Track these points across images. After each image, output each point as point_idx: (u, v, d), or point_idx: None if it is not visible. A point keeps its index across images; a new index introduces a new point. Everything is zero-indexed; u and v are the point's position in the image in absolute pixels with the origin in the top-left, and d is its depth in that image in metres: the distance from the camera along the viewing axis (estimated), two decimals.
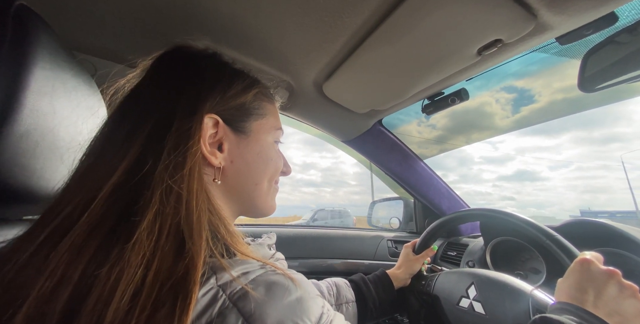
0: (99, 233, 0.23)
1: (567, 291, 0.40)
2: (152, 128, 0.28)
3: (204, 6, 0.50)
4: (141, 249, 0.21)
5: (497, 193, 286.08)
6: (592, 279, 0.39)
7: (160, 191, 0.25)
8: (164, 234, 0.23)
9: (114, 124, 0.30)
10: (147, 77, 0.34)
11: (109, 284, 0.20)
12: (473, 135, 18.20)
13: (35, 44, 0.28)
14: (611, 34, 0.48)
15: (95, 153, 0.28)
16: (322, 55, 0.61)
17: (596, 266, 0.40)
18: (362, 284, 0.66)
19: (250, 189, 0.37)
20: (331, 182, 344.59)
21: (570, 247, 0.47)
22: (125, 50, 0.61)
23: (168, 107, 0.30)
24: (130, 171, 0.26)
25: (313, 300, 0.24)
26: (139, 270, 0.21)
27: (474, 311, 0.54)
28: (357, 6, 0.47)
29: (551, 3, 0.42)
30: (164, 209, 0.24)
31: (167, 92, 0.31)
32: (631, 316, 0.36)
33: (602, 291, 0.37)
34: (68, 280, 0.20)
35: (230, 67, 0.38)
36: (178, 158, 0.27)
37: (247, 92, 0.36)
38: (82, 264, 0.21)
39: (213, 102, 0.32)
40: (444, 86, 0.71)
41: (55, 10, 0.50)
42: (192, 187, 0.26)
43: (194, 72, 0.33)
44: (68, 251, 0.21)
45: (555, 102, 23.82)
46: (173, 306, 0.19)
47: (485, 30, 0.49)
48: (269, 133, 0.39)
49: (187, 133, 0.28)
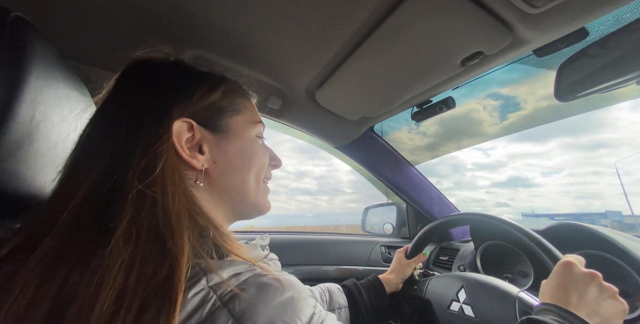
0: (73, 246, 0.23)
1: (551, 293, 0.41)
2: (121, 138, 0.29)
3: (197, 18, 0.51)
4: (120, 255, 0.21)
5: (492, 200, 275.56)
6: (575, 281, 0.40)
7: (131, 196, 0.25)
8: (142, 238, 0.23)
9: (87, 136, 0.31)
10: (112, 93, 0.34)
11: (90, 292, 0.20)
12: (463, 141, 18.68)
13: (30, 54, 0.28)
14: (583, 47, 0.52)
15: (70, 166, 0.29)
16: (314, 65, 0.63)
17: (578, 268, 0.41)
18: (355, 289, 0.66)
19: (238, 187, 0.36)
20: (327, 191, 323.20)
21: (553, 250, 0.49)
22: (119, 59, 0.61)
23: (135, 118, 0.30)
24: (101, 180, 0.26)
25: (304, 300, 0.25)
26: (119, 274, 0.21)
27: (464, 315, 0.54)
28: (347, 19, 0.50)
29: (525, 19, 0.45)
30: (138, 214, 0.24)
31: (133, 104, 0.32)
32: (611, 316, 0.37)
33: (584, 292, 0.39)
34: (44, 295, 0.20)
35: (194, 71, 0.38)
36: (148, 163, 0.27)
37: (214, 91, 0.36)
38: (60, 278, 0.21)
39: (181, 106, 0.32)
40: (431, 94, 0.74)
41: (50, 20, 0.51)
42: (166, 190, 0.26)
43: (157, 81, 0.34)
44: (39, 266, 0.21)
45: (541, 108, 24.60)
46: (159, 306, 0.20)
47: (467, 43, 0.51)
48: (249, 128, 0.38)
49: (155, 137, 0.29)
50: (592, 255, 0.62)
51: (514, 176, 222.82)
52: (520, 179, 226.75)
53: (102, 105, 0.34)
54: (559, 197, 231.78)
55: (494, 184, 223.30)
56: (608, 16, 0.46)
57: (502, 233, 0.61)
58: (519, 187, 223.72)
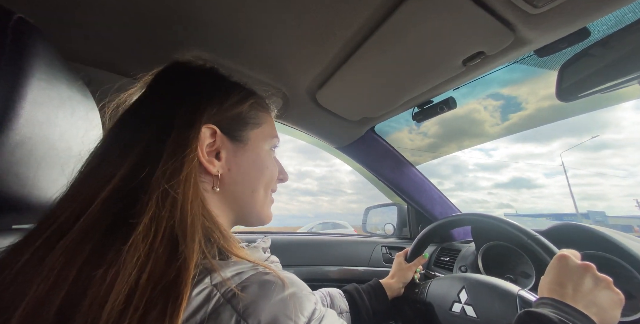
0: (93, 236, 0.23)
1: (548, 286, 0.42)
2: (151, 137, 0.30)
3: (200, 19, 0.51)
4: (137, 251, 0.22)
5: (495, 201, 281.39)
6: (570, 273, 0.41)
7: (156, 195, 0.26)
8: (158, 237, 0.24)
9: (113, 135, 0.32)
10: (148, 91, 0.36)
11: (104, 286, 0.20)
12: (464, 142, 18.75)
13: (33, 55, 0.28)
14: (585, 47, 0.52)
15: (94, 162, 0.30)
16: (315, 65, 0.63)
17: (573, 261, 0.42)
18: (356, 294, 0.66)
19: (247, 196, 0.38)
20: (328, 191, 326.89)
21: (549, 245, 0.49)
22: (121, 61, 0.62)
23: (167, 119, 0.31)
24: (128, 177, 0.27)
25: (306, 297, 0.25)
26: (133, 271, 0.21)
27: (466, 315, 0.54)
28: (348, 19, 0.50)
29: (527, 19, 0.45)
30: (159, 212, 0.25)
31: (167, 104, 0.33)
32: (607, 306, 0.38)
33: (580, 284, 0.40)
34: (63, 282, 0.21)
35: (228, 81, 0.39)
36: (175, 164, 0.28)
37: (243, 103, 0.37)
38: (77, 266, 0.21)
39: (210, 113, 0.34)
40: (432, 95, 0.73)
41: (53, 22, 0.51)
42: (187, 193, 0.27)
43: (192, 86, 0.35)
44: (63, 253, 0.22)
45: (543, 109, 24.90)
46: (164, 306, 0.20)
47: (469, 43, 0.51)
48: (265, 141, 0.40)
49: (185, 142, 0.30)
50: (595, 256, 0.62)
51: (516, 176, 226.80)
52: (523, 180, 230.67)
53: (135, 102, 0.35)
54: (562, 199, 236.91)
55: (496, 184, 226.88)
56: (610, 16, 0.46)
57: (503, 233, 0.61)
58: (522, 188, 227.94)
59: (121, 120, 0.33)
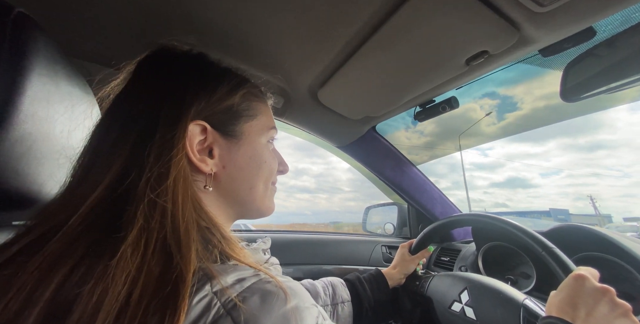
0: (75, 250, 0.22)
1: (559, 306, 0.39)
2: (137, 138, 0.28)
3: (201, 15, 0.51)
4: (126, 266, 0.21)
5: (490, 200, 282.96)
6: (585, 295, 0.38)
7: (142, 205, 0.24)
8: (150, 249, 0.22)
9: (100, 133, 0.30)
10: (130, 83, 0.33)
11: (91, 304, 0.19)
12: (461, 142, 18.29)
13: (33, 50, 0.28)
14: (590, 47, 0.51)
15: (84, 165, 0.28)
16: (317, 63, 0.63)
17: (591, 282, 0.39)
18: (358, 283, 0.66)
19: (246, 193, 0.36)
20: (325, 189, 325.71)
21: (566, 260, 0.45)
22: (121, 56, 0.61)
23: (152, 115, 0.29)
24: (114, 185, 0.25)
25: (307, 310, 0.24)
26: (123, 289, 0.20)
27: (465, 316, 0.54)
28: (351, 17, 0.49)
29: (532, 18, 0.44)
30: (148, 224, 0.23)
31: (151, 98, 0.30)
32: None
33: (594, 308, 0.37)
34: (36, 300, 0.19)
35: (216, 68, 0.36)
36: (161, 169, 0.26)
37: (234, 94, 0.34)
38: (54, 283, 0.20)
39: (198, 107, 0.31)
40: (434, 94, 0.73)
41: (53, 17, 0.51)
42: (177, 199, 0.26)
43: (178, 75, 0.32)
44: (38, 269, 0.20)
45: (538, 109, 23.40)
46: (160, 322, 0.19)
47: (473, 41, 0.51)
48: (262, 134, 0.37)
49: (170, 142, 0.27)
50: (597, 257, 0.61)
51: (512, 176, 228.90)
52: (519, 180, 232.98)
53: (118, 95, 0.32)
54: (558, 199, 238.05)
55: (492, 184, 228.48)
56: (616, 15, 0.45)
57: (508, 236, 0.60)
58: (517, 187, 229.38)
59: (106, 116, 0.31)
